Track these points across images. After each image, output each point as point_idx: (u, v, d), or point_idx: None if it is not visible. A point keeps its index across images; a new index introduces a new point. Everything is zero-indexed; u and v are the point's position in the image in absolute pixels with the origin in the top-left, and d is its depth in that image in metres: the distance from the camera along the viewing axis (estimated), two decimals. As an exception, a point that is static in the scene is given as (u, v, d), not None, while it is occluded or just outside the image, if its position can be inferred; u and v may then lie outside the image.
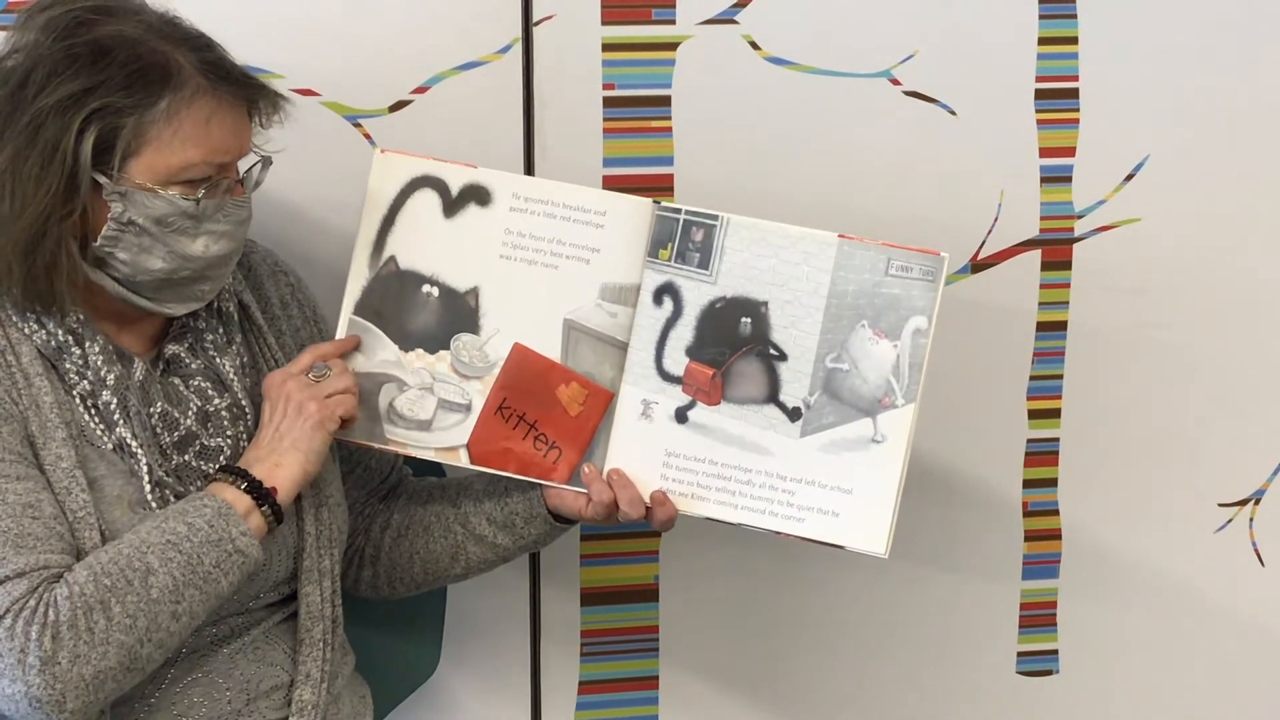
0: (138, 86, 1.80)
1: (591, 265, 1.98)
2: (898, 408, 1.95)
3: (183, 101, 1.81)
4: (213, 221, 1.85)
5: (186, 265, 1.86)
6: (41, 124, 1.78)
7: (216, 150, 1.84)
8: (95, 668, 1.71)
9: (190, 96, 1.81)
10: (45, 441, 1.81)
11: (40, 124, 1.78)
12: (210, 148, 1.83)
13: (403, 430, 2.01)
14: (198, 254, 1.85)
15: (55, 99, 1.78)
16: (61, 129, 1.78)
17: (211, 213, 1.85)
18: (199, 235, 1.85)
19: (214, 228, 1.85)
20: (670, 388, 1.98)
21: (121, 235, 1.83)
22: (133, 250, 1.84)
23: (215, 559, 1.79)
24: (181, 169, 1.82)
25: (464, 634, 2.40)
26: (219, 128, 1.84)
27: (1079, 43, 2.39)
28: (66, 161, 1.79)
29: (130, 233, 1.83)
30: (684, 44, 2.31)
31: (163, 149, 1.81)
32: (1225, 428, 2.53)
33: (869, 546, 1.96)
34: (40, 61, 1.80)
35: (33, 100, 1.79)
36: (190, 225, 1.84)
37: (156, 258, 1.84)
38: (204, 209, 1.84)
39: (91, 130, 1.78)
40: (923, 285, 1.95)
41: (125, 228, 1.82)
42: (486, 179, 2.01)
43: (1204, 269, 2.47)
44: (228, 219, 1.87)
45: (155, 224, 1.82)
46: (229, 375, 1.97)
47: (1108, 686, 2.58)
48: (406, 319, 2.00)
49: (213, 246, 1.86)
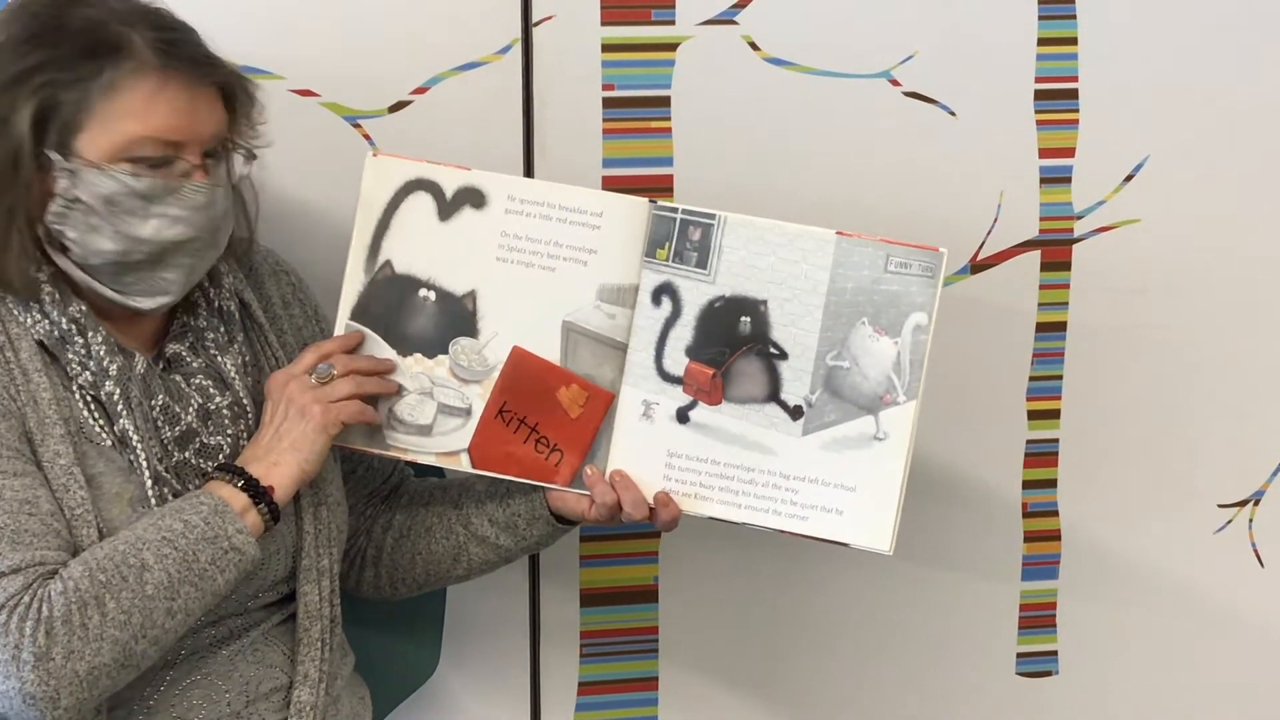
0: (82, 61, 1.79)
1: (589, 267, 1.98)
2: (899, 404, 1.95)
3: (124, 75, 1.80)
4: (164, 204, 1.82)
5: (137, 248, 1.83)
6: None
7: (161, 127, 1.81)
8: (89, 664, 1.71)
9: (133, 70, 1.80)
10: (43, 438, 1.81)
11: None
12: (152, 124, 1.81)
13: (403, 435, 2.00)
14: (148, 236, 1.83)
15: (6, 76, 1.79)
16: (9, 105, 1.79)
17: (162, 194, 1.82)
18: (150, 217, 1.82)
19: (166, 211, 1.83)
20: (671, 388, 1.98)
21: (69, 212, 1.82)
22: (81, 229, 1.82)
23: (211, 556, 1.79)
24: (125, 144, 1.80)
25: (464, 635, 2.40)
26: (165, 105, 1.81)
27: (1078, 43, 2.39)
28: (12, 136, 1.79)
29: (78, 210, 1.82)
30: (683, 44, 2.31)
31: (105, 124, 1.80)
32: (1225, 428, 2.53)
33: (873, 544, 1.96)
34: (6, 43, 1.81)
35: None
36: (139, 206, 1.82)
37: (105, 238, 1.83)
38: (152, 189, 1.81)
39: (31, 104, 1.78)
40: (922, 281, 1.94)
41: (72, 205, 1.81)
42: (481, 181, 2.00)
43: (1203, 269, 2.48)
44: (182, 203, 1.83)
45: (104, 203, 1.81)
46: (230, 374, 1.97)
47: (1107, 687, 2.58)
48: (403, 323, 1.99)
49: (165, 230, 1.83)
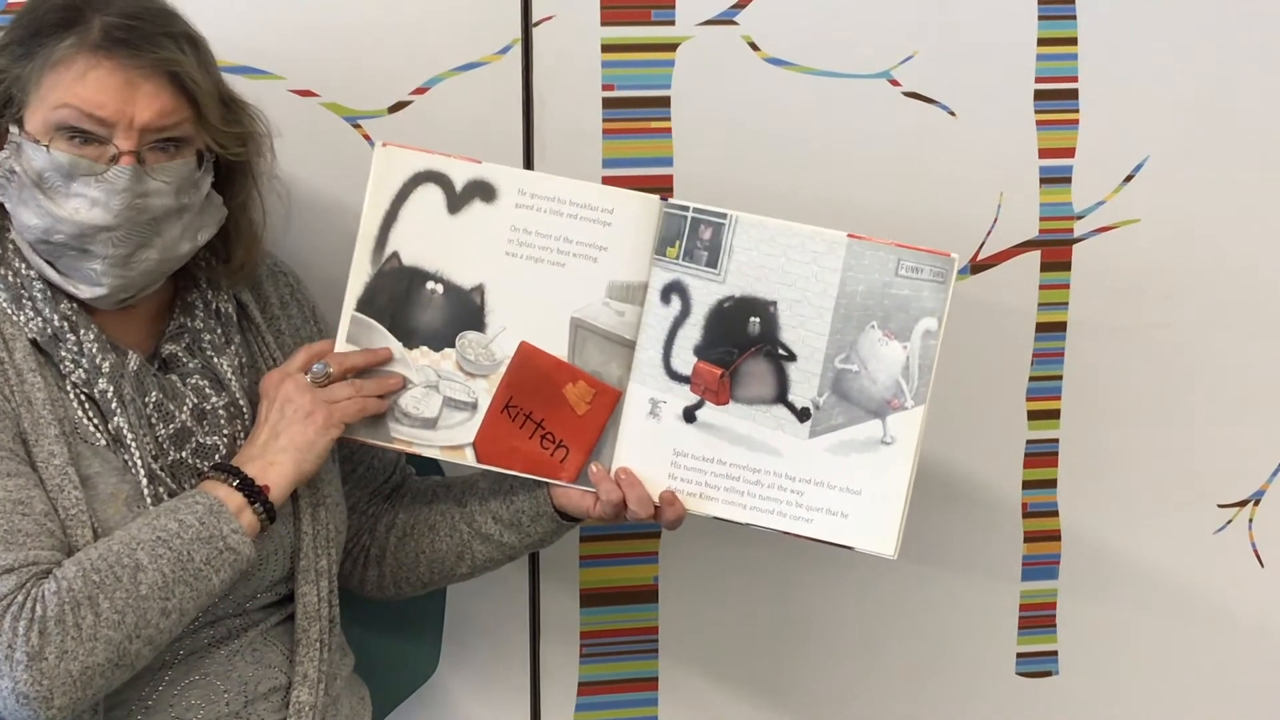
0: (36, 38, 1.82)
1: (598, 263, 1.97)
2: (907, 409, 1.94)
3: (63, 50, 1.81)
4: (84, 184, 1.82)
5: (58, 227, 1.83)
6: None
7: (87, 100, 1.81)
8: (83, 664, 1.71)
9: (72, 46, 1.81)
10: (37, 439, 1.81)
11: None
12: (80, 96, 1.80)
13: (408, 428, 1.99)
14: (66, 215, 1.82)
15: None
16: None
17: (84, 173, 1.81)
18: (71, 196, 1.82)
19: (85, 191, 1.82)
20: (678, 387, 1.97)
21: (6, 184, 1.84)
22: (14, 201, 1.85)
23: (206, 556, 1.79)
24: (51, 114, 1.81)
25: (463, 635, 2.40)
26: (97, 82, 1.81)
27: (1078, 44, 2.39)
28: None
29: (14, 184, 1.84)
30: (683, 45, 2.31)
31: (44, 96, 1.82)
32: (1225, 429, 2.53)
33: (878, 548, 1.96)
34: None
35: None
36: (61, 183, 1.82)
37: (31, 212, 1.83)
38: (73, 166, 1.81)
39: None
40: (933, 286, 1.94)
41: (10, 177, 1.84)
42: (491, 174, 1.99)
43: (1203, 269, 2.48)
44: (102, 186, 1.81)
45: (35, 178, 1.82)
46: (227, 375, 1.97)
47: (1107, 687, 2.58)
48: (410, 316, 1.99)
49: (84, 212, 1.82)
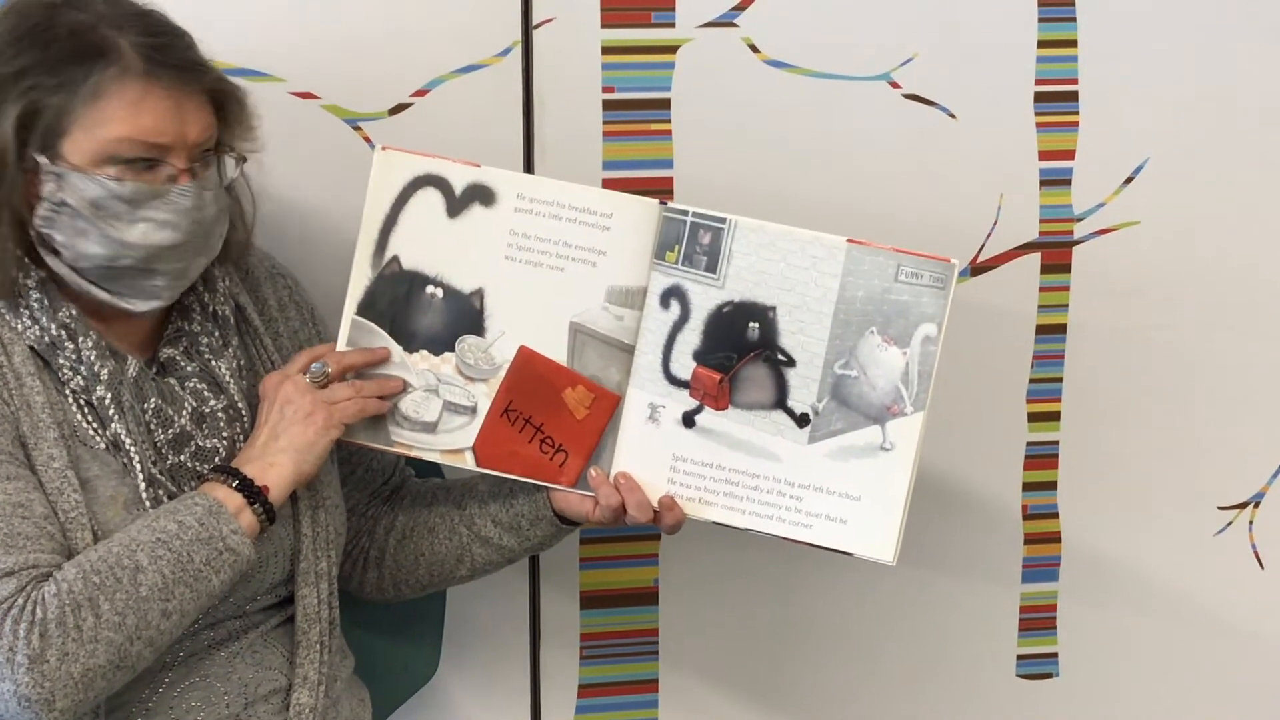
0: (69, 66, 1.79)
1: (598, 268, 1.97)
2: (906, 415, 1.94)
3: (110, 80, 1.79)
4: (150, 208, 1.82)
5: (125, 252, 1.83)
6: None
7: (147, 130, 1.81)
8: (84, 666, 1.71)
9: (118, 75, 1.80)
10: (37, 442, 1.81)
11: None
12: (139, 128, 1.80)
13: (408, 432, 2.00)
14: (135, 240, 1.82)
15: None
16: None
17: (148, 198, 1.82)
18: (136, 221, 1.82)
19: (153, 215, 1.82)
20: (677, 392, 1.97)
21: (56, 216, 1.82)
22: (68, 233, 1.82)
23: (205, 557, 1.79)
24: (109, 148, 1.80)
25: (464, 637, 2.40)
26: (151, 110, 1.81)
27: (1078, 45, 2.40)
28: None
29: (65, 214, 1.82)
30: (684, 47, 2.31)
31: (90, 128, 1.80)
32: (1225, 430, 2.54)
33: (877, 554, 1.96)
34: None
35: None
36: (125, 210, 1.82)
37: (93, 242, 1.82)
38: (136, 192, 1.81)
39: (15, 108, 1.78)
40: (932, 292, 1.94)
41: (59, 209, 1.81)
42: (491, 178, 1.99)
43: (1203, 271, 2.48)
44: (168, 207, 1.83)
45: (90, 207, 1.81)
46: (225, 378, 1.96)
47: (1107, 690, 2.59)
48: (410, 320, 1.99)
49: (152, 235, 1.83)
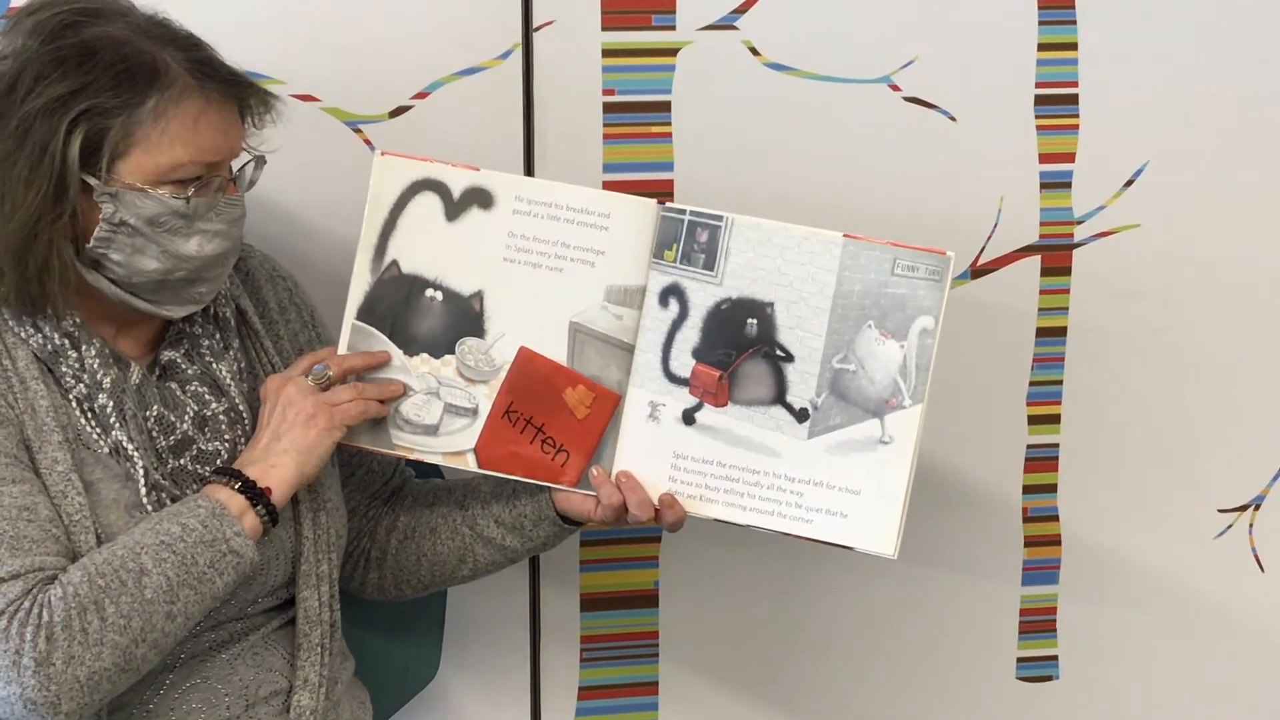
0: (125, 87, 1.80)
1: (596, 268, 1.97)
2: (905, 408, 1.94)
3: (170, 101, 1.81)
4: (205, 221, 1.85)
5: (182, 265, 1.85)
6: (30, 127, 1.78)
7: (205, 150, 1.83)
8: (90, 668, 1.71)
9: (178, 96, 1.81)
10: (41, 445, 1.81)
11: (29, 127, 1.78)
12: (199, 147, 1.83)
13: (409, 435, 2.00)
14: (192, 253, 1.85)
15: (43, 102, 1.78)
16: (49, 131, 1.78)
17: (204, 212, 1.84)
18: (192, 235, 1.84)
19: (207, 227, 1.85)
20: (677, 390, 1.97)
21: (114, 236, 1.83)
22: (126, 251, 1.83)
23: (209, 559, 1.79)
24: (171, 168, 1.82)
25: (464, 639, 2.40)
26: (208, 127, 1.83)
27: (1078, 48, 2.40)
28: (55, 164, 1.78)
29: (123, 234, 1.82)
30: (684, 49, 2.31)
31: (151, 149, 1.81)
32: (1225, 433, 2.54)
33: (877, 548, 1.95)
34: (28, 65, 1.79)
35: (21, 103, 1.78)
36: (183, 225, 1.84)
37: (150, 258, 1.84)
38: (195, 208, 1.83)
39: (79, 132, 1.78)
40: (929, 285, 1.94)
41: (117, 229, 1.82)
42: (488, 181, 1.99)
43: (1203, 274, 2.48)
44: (220, 218, 1.86)
45: (147, 224, 1.82)
46: (226, 381, 1.97)
47: (1108, 692, 2.58)
48: (410, 323, 1.99)
49: (207, 246, 1.86)
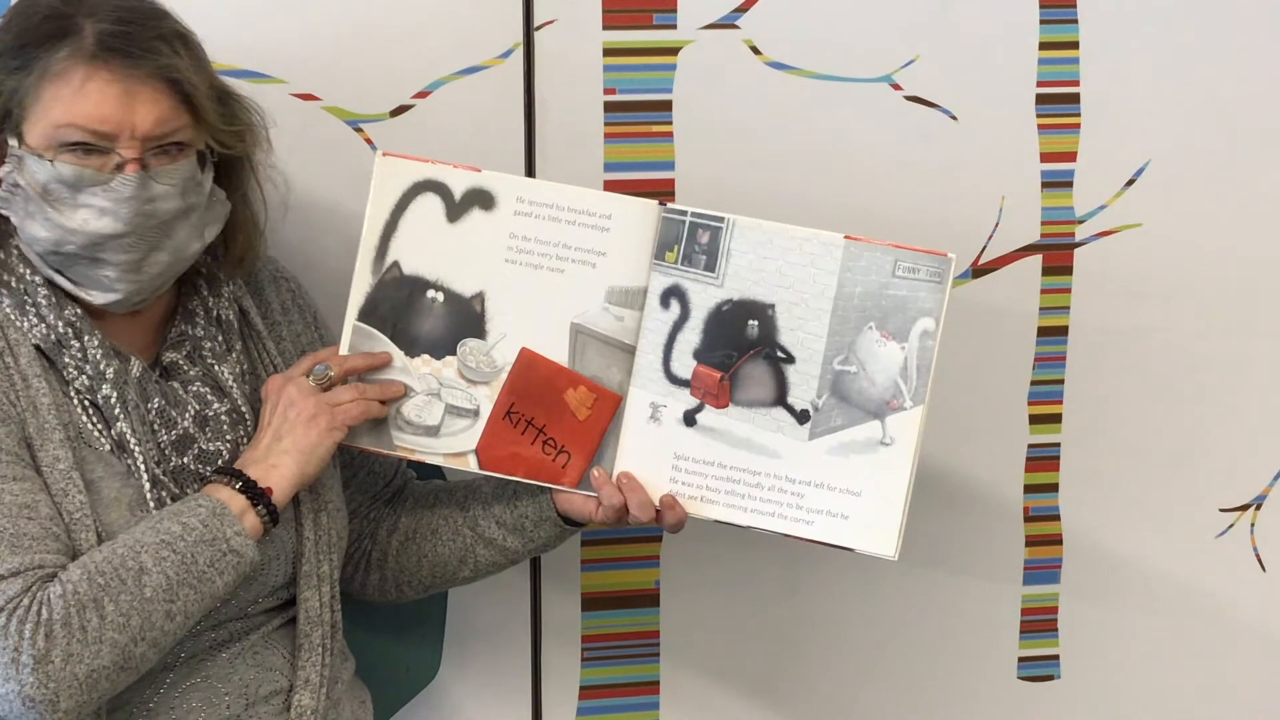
0: (28, 49, 1.81)
1: (598, 269, 1.98)
2: (906, 410, 1.95)
3: (57, 62, 1.80)
4: (90, 194, 1.82)
5: (68, 238, 1.83)
6: None
7: (90, 116, 1.80)
8: (89, 666, 1.71)
9: (66, 58, 1.80)
10: (43, 443, 1.81)
11: None
12: (81, 111, 1.80)
13: (410, 436, 2.00)
14: (75, 226, 1.82)
15: None
16: None
17: (89, 184, 1.81)
18: (78, 207, 1.82)
19: (93, 201, 1.82)
20: (678, 391, 1.98)
21: (11, 198, 1.84)
22: (20, 215, 1.85)
23: (209, 558, 1.79)
24: (52, 130, 1.81)
25: (465, 639, 2.40)
26: (96, 94, 1.80)
27: (1080, 48, 2.39)
28: None
29: (19, 197, 1.83)
30: (685, 49, 2.31)
31: (41, 111, 1.81)
32: (1226, 432, 2.53)
33: (878, 549, 1.95)
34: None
35: None
36: (68, 195, 1.82)
37: (39, 225, 1.84)
38: (79, 178, 1.81)
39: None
40: (930, 286, 1.94)
41: (14, 191, 1.83)
42: (490, 182, 2.00)
43: (1205, 273, 2.48)
44: (109, 195, 1.82)
45: (39, 190, 1.82)
46: (228, 383, 1.97)
47: (1109, 692, 2.58)
48: (411, 325, 1.99)
49: (93, 222, 1.82)
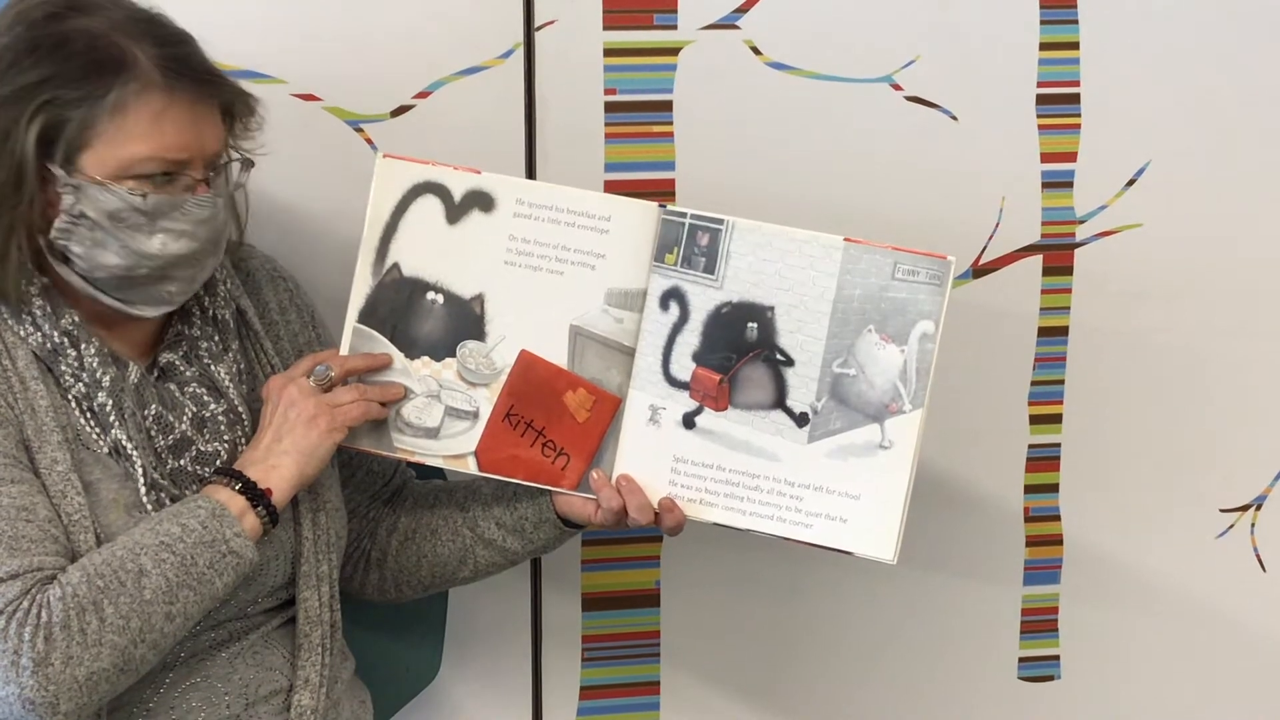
0: (90, 79, 1.79)
1: (597, 271, 1.97)
2: (905, 413, 1.94)
3: (130, 94, 1.80)
4: (169, 219, 1.83)
5: (144, 262, 1.84)
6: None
7: (169, 147, 1.82)
8: (88, 669, 1.71)
9: (140, 90, 1.80)
10: (41, 445, 1.81)
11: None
12: (161, 144, 1.81)
13: (410, 438, 2.00)
14: (154, 251, 1.83)
15: (10, 89, 1.79)
16: (12, 120, 1.79)
17: (167, 210, 1.83)
18: (155, 233, 1.83)
19: (171, 225, 1.83)
20: (677, 393, 1.97)
21: (74, 228, 1.82)
22: (86, 244, 1.83)
23: (209, 560, 1.79)
24: (130, 163, 1.81)
25: (465, 639, 2.40)
26: (172, 124, 1.82)
27: (1080, 48, 2.39)
28: (15, 152, 1.79)
29: (83, 226, 1.82)
30: (685, 49, 2.31)
31: (111, 143, 1.80)
32: (1227, 433, 2.53)
33: (876, 553, 1.95)
34: (4, 53, 1.80)
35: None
36: (144, 222, 1.82)
37: (111, 253, 1.83)
38: (156, 205, 1.82)
39: (38, 121, 1.78)
40: (929, 289, 1.94)
41: (78, 221, 1.82)
42: (490, 184, 1.99)
43: (1205, 274, 2.48)
44: (186, 218, 1.84)
45: (108, 219, 1.81)
46: (224, 383, 1.97)
47: (1109, 692, 2.58)
48: (411, 327, 1.99)
49: (171, 245, 1.84)
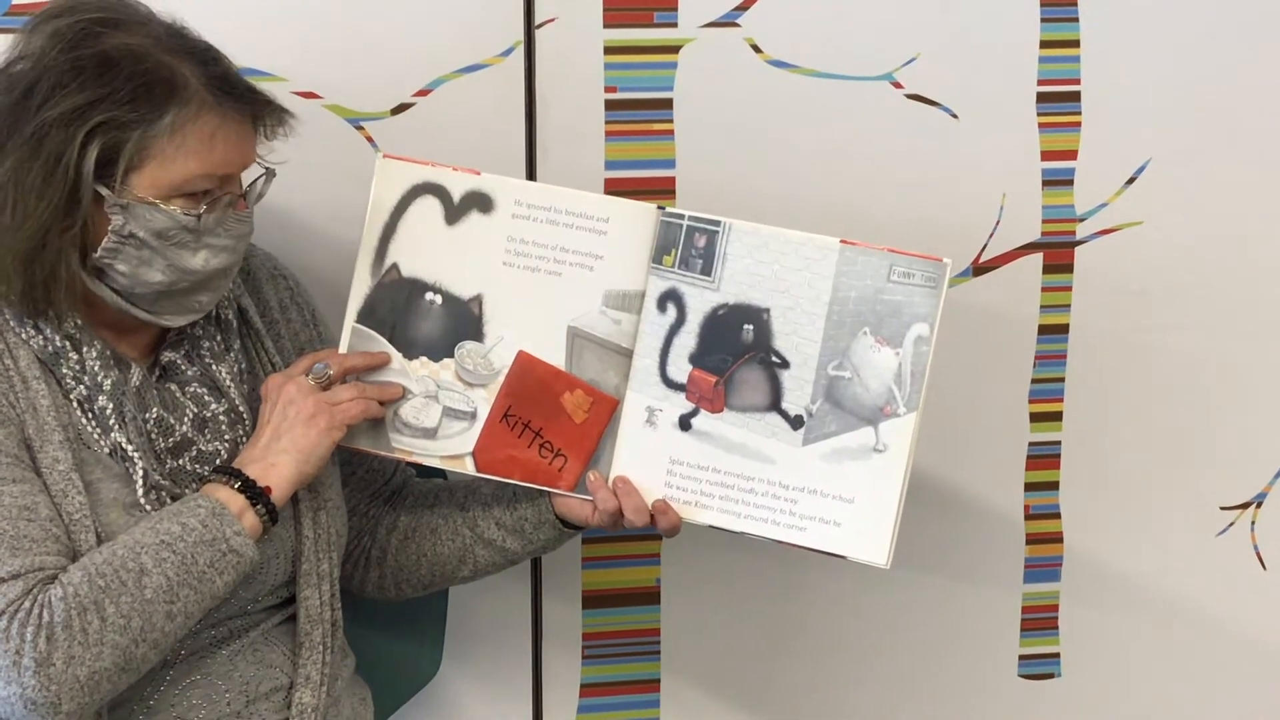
0: (142, 100, 1.79)
1: (595, 272, 1.97)
2: (900, 416, 1.94)
3: (188, 116, 1.80)
4: (213, 235, 1.85)
5: (186, 278, 1.85)
6: (45, 136, 1.77)
7: (220, 164, 1.84)
8: (90, 668, 1.72)
9: (195, 112, 1.81)
10: (42, 444, 1.81)
11: (44, 136, 1.77)
12: (213, 162, 1.83)
13: (408, 438, 2.00)
14: (198, 267, 1.85)
15: (59, 111, 1.77)
16: (65, 142, 1.77)
17: (212, 227, 1.84)
18: (200, 249, 1.84)
19: (214, 241, 1.85)
20: (674, 395, 1.97)
21: (121, 248, 1.82)
22: (132, 262, 1.83)
23: (209, 559, 1.80)
24: (184, 183, 1.82)
25: (466, 637, 2.40)
26: (223, 143, 1.83)
27: (1080, 46, 2.39)
28: (69, 175, 1.78)
29: (131, 245, 1.82)
30: (686, 47, 2.31)
31: (165, 163, 1.81)
32: (1227, 431, 2.53)
33: (870, 557, 1.95)
34: (46, 72, 1.79)
35: (37, 111, 1.78)
36: (191, 239, 1.83)
37: (156, 270, 1.84)
38: (205, 223, 1.83)
39: (95, 144, 1.78)
40: (925, 292, 1.93)
41: (125, 240, 1.82)
42: (489, 185, 2.00)
43: (1205, 272, 2.48)
44: (228, 233, 1.86)
45: (156, 237, 1.82)
46: (225, 382, 1.97)
47: (1109, 690, 2.58)
48: (410, 326, 2.00)
49: (213, 260, 1.86)
